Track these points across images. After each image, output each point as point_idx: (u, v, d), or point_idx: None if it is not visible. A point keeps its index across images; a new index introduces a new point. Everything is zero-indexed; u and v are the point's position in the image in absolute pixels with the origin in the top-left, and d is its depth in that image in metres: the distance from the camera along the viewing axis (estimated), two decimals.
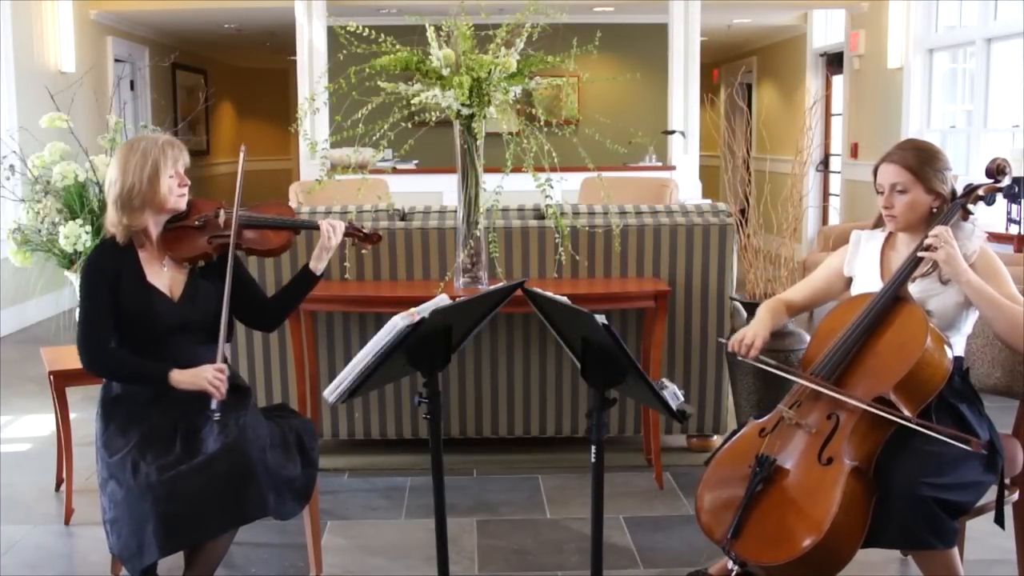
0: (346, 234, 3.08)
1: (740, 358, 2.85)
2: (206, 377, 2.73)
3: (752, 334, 2.85)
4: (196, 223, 2.88)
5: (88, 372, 2.83)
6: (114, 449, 2.68)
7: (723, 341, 3.72)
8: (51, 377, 3.66)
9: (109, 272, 2.79)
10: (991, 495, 2.70)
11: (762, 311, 2.96)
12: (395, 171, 7.48)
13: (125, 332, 2.81)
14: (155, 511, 2.51)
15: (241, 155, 3.04)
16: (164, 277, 2.86)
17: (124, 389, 2.83)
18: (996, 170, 2.79)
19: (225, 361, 2.82)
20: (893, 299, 2.68)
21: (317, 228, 3.03)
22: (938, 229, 2.65)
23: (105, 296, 2.77)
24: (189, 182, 2.87)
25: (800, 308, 3.04)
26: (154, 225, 2.84)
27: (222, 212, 2.91)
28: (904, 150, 2.80)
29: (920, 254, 2.67)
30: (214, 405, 2.73)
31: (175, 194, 2.82)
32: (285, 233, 3.02)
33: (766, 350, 2.87)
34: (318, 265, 3.03)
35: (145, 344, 2.81)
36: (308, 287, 3.08)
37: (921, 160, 2.75)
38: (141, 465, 2.60)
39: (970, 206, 2.76)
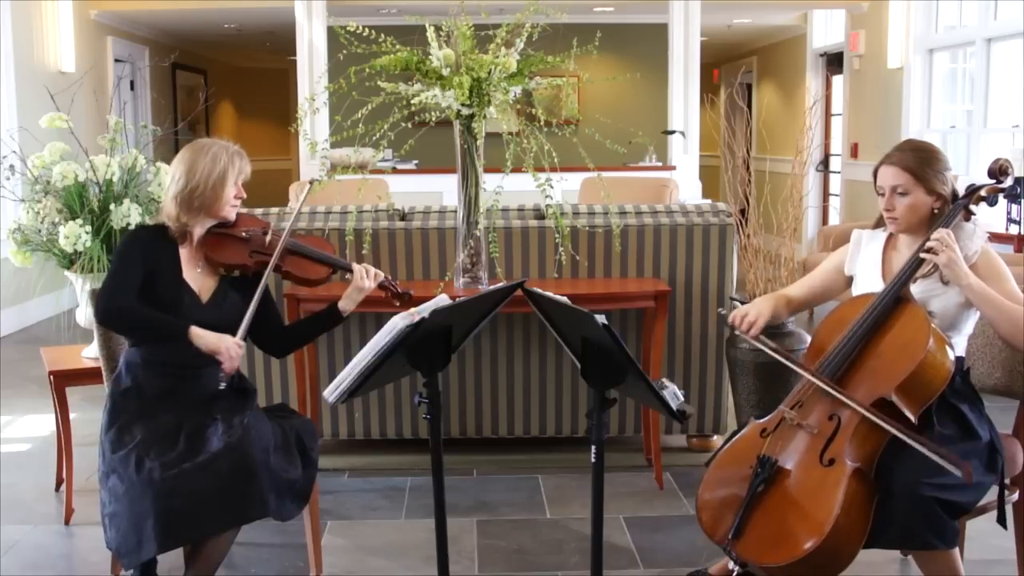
0: (380, 287, 3.07)
1: (739, 333, 2.84)
2: (226, 343, 2.75)
3: (756, 312, 2.83)
4: (243, 234, 2.91)
5: (103, 318, 2.79)
6: (118, 444, 2.69)
7: (723, 312, 3.69)
8: (51, 377, 3.66)
9: (151, 250, 2.81)
10: (991, 495, 2.70)
11: (761, 300, 2.95)
12: (395, 171, 7.47)
13: None
14: (155, 507, 2.52)
15: (305, 190, 3.12)
16: (197, 278, 2.88)
17: (135, 383, 2.83)
18: (998, 170, 2.79)
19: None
20: (895, 300, 2.67)
21: (350, 269, 3.01)
22: (939, 232, 2.64)
23: (139, 266, 2.78)
24: (245, 195, 2.91)
25: (799, 305, 3.03)
26: (200, 227, 2.87)
27: (270, 233, 2.95)
28: (904, 151, 2.79)
29: (921, 255, 2.67)
30: (220, 375, 2.75)
31: (231, 204, 2.85)
32: (324, 268, 3.04)
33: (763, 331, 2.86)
34: (347, 305, 3.01)
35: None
36: (331, 325, 3.09)
37: (921, 161, 2.75)
38: (145, 461, 2.60)
39: (972, 207, 2.76)
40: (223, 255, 2.87)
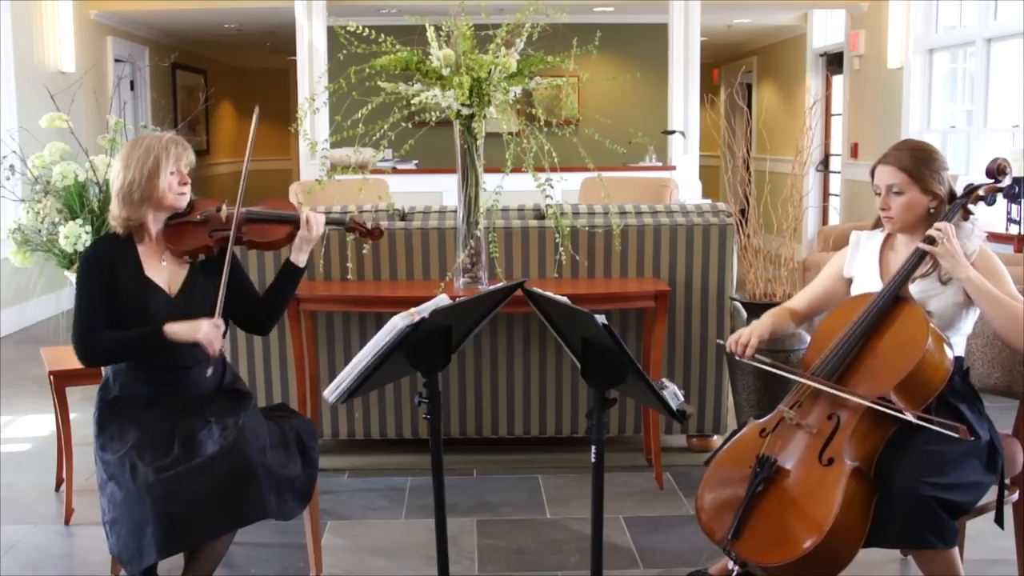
0: (348, 228, 3.09)
1: (737, 358, 2.85)
2: (202, 330, 2.74)
3: (748, 333, 2.85)
4: (198, 218, 2.90)
5: (87, 363, 2.83)
6: (112, 451, 2.68)
7: (721, 343, 3.72)
8: (51, 377, 3.66)
9: (104, 264, 2.81)
10: (991, 495, 2.70)
11: (764, 315, 2.97)
12: (395, 171, 7.47)
13: (121, 326, 2.80)
14: (154, 512, 2.51)
15: (254, 116, 3.04)
16: (163, 272, 2.87)
17: (122, 391, 2.83)
18: (997, 170, 2.79)
19: (226, 324, 2.84)
20: (893, 299, 2.68)
21: (297, 220, 3.00)
22: (941, 224, 2.65)
23: (99, 288, 2.79)
24: (189, 180, 2.88)
25: (805, 315, 3.03)
26: (154, 222, 2.86)
27: (224, 207, 2.93)
28: (900, 151, 2.79)
29: (921, 245, 2.67)
30: (208, 362, 2.76)
31: (174, 191, 2.83)
32: (285, 227, 3.01)
33: (765, 351, 2.86)
34: (299, 256, 3.01)
35: None
36: (292, 281, 3.04)
37: (917, 161, 2.75)
38: (139, 466, 2.59)
39: (970, 206, 2.76)
40: (184, 243, 2.86)
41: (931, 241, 2.64)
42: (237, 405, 2.84)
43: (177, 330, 2.74)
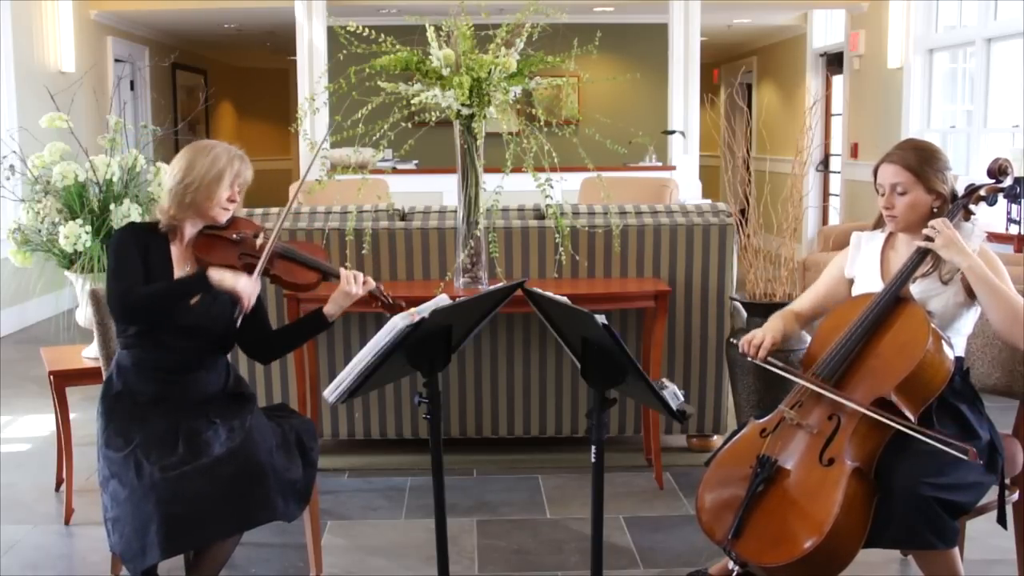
0: (372, 295, 3.02)
1: (749, 359, 2.85)
2: (241, 281, 2.75)
3: (762, 335, 2.84)
4: (233, 237, 2.89)
5: (127, 317, 2.78)
6: (115, 447, 2.68)
7: (734, 342, 3.72)
8: (51, 377, 3.66)
9: (141, 243, 2.81)
10: (991, 495, 2.70)
11: (774, 318, 2.96)
12: (395, 171, 7.48)
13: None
14: (159, 512, 2.50)
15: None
16: None
17: (126, 386, 2.82)
18: (998, 170, 2.79)
19: (232, 342, 2.89)
20: (894, 299, 2.68)
21: (338, 276, 2.98)
22: (934, 220, 2.66)
23: (137, 259, 2.77)
24: (239, 200, 2.90)
25: (808, 317, 3.02)
26: (191, 226, 2.86)
27: (261, 236, 2.93)
28: (904, 150, 2.79)
29: (920, 243, 2.67)
30: (237, 311, 2.78)
31: (222, 205, 2.83)
32: (314, 274, 3.01)
33: (772, 352, 2.86)
34: (332, 310, 2.97)
35: (153, 336, 2.80)
36: (317, 331, 3.06)
37: (921, 160, 2.75)
38: (144, 465, 2.59)
39: (971, 206, 2.76)
40: (212, 256, 2.85)
41: (929, 238, 2.64)
42: (241, 407, 2.84)
43: (221, 277, 2.74)
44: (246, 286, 2.76)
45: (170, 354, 2.80)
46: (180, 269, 2.85)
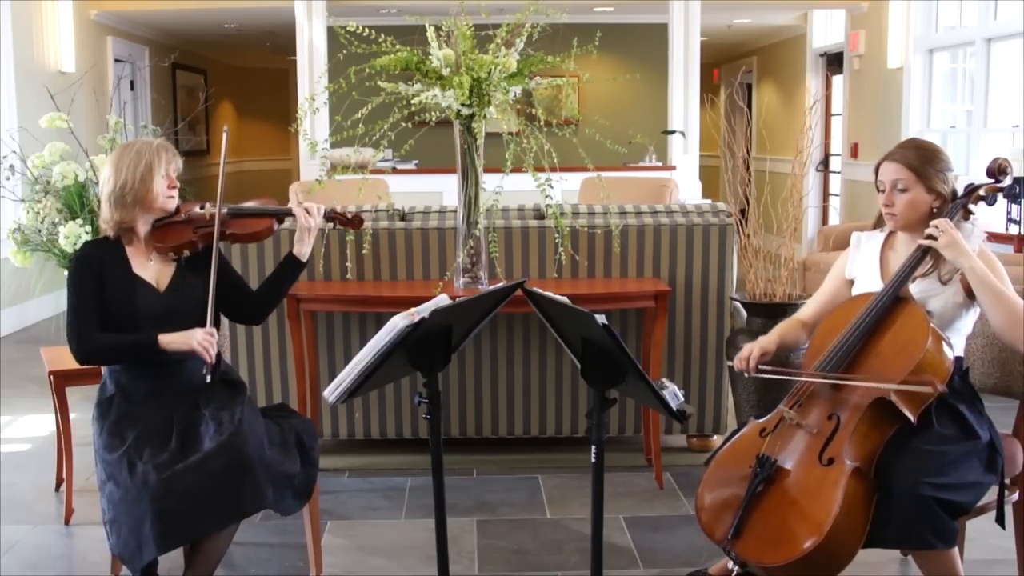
0: (328, 218, 3.17)
1: (747, 375, 2.86)
2: (196, 338, 2.79)
3: (749, 347, 2.86)
4: (183, 218, 2.99)
5: (82, 360, 2.86)
6: (111, 449, 2.71)
7: (731, 364, 3.73)
8: (51, 377, 3.67)
9: (94, 265, 2.87)
10: (991, 495, 2.70)
11: (773, 330, 2.97)
12: (395, 171, 7.48)
13: (112, 324, 2.84)
14: (152, 509, 2.53)
15: (224, 136, 3.21)
16: (151, 270, 2.93)
17: (119, 388, 2.86)
18: (997, 170, 2.80)
19: (217, 328, 2.89)
20: (894, 299, 2.68)
21: (291, 214, 3.10)
22: (938, 220, 2.66)
23: (91, 288, 2.84)
24: (179, 185, 2.98)
25: (815, 324, 3.01)
26: (142, 223, 2.93)
27: (207, 206, 3.03)
28: (906, 149, 2.80)
29: (922, 242, 2.67)
30: (204, 369, 2.81)
31: (164, 194, 2.91)
32: (266, 220, 3.11)
33: (772, 359, 2.87)
34: (301, 249, 3.08)
35: (135, 331, 2.84)
36: (293, 273, 3.12)
37: (923, 159, 2.75)
38: (138, 464, 2.62)
39: (971, 206, 2.77)
40: (169, 240, 2.94)
41: (930, 237, 2.65)
42: (232, 397, 2.86)
43: (172, 340, 2.80)
44: (201, 341, 2.79)
45: (156, 358, 2.82)
46: (142, 265, 2.91)
